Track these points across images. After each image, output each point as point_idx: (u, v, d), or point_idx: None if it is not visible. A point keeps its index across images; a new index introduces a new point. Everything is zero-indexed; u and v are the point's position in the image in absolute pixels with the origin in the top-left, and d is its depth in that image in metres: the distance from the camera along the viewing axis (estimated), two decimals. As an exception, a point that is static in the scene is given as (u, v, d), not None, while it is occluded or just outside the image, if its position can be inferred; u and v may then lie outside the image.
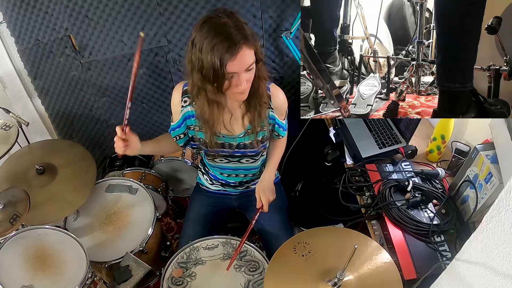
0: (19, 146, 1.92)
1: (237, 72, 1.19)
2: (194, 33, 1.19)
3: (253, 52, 1.20)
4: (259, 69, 1.27)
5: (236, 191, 1.74)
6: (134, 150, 1.38)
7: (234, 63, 1.16)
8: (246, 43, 1.15)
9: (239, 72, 1.19)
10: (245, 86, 1.23)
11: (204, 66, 1.18)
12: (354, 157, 1.67)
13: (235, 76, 1.20)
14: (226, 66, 1.15)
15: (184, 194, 2.50)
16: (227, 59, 1.14)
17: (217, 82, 1.21)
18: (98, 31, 1.99)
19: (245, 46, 1.15)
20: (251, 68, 1.22)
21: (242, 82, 1.21)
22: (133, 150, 1.37)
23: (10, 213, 1.38)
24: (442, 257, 1.23)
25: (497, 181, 1.16)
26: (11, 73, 2.22)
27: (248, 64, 1.19)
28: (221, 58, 1.13)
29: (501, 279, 0.75)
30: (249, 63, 1.19)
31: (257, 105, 1.37)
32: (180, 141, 1.54)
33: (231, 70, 1.17)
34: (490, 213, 0.76)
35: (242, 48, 1.14)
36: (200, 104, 1.35)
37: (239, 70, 1.18)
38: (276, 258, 1.18)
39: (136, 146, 1.38)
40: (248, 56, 1.18)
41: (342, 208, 1.51)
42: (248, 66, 1.20)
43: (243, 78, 1.21)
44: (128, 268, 1.48)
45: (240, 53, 1.14)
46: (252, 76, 1.25)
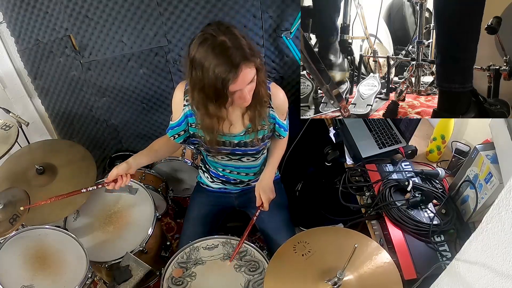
0: (19, 146, 1.92)
1: (240, 89, 1.22)
2: (192, 51, 1.19)
3: (254, 66, 1.20)
4: (260, 75, 1.28)
5: (237, 188, 1.74)
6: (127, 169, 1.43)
7: (236, 84, 1.18)
8: (246, 63, 1.16)
9: (242, 88, 1.22)
10: (249, 98, 1.27)
11: (205, 86, 1.20)
12: (354, 157, 1.67)
13: (238, 92, 1.23)
14: (228, 88, 1.18)
15: (184, 194, 2.50)
16: (229, 81, 1.16)
17: (219, 101, 1.24)
18: (98, 31, 1.99)
19: (245, 65, 1.16)
20: (253, 80, 1.24)
21: (246, 95, 1.24)
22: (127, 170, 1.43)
23: (10, 213, 1.38)
24: (442, 257, 1.23)
25: (497, 181, 1.16)
26: (11, 73, 2.22)
27: (249, 79, 1.22)
28: (223, 81, 1.15)
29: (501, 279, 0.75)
30: (251, 78, 1.22)
31: (257, 105, 1.37)
32: (178, 139, 1.54)
33: (234, 89, 1.20)
34: (490, 213, 0.76)
35: (242, 69, 1.15)
36: (200, 116, 1.37)
37: (241, 87, 1.21)
38: (276, 258, 1.18)
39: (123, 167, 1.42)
40: (249, 73, 1.20)
41: (342, 208, 1.51)
42: (249, 81, 1.22)
43: (246, 92, 1.24)
44: (128, 268, 1.48)
45: (241, 74, 1.16)
46: (254, 85, 1.27)
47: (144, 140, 2.52)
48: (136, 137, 2.51)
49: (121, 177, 1.42)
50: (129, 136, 2.50)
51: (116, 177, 1.41)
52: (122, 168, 1.42)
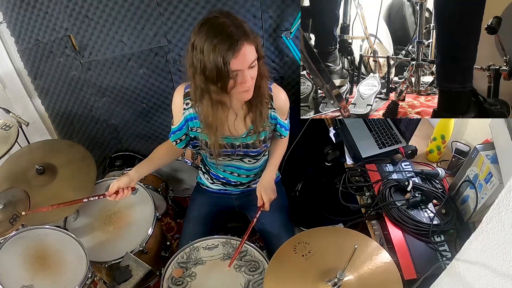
0: (19, 146, 1.92)
1: (241, 70, 1.19)
2: (193, 36, 1.19)
3: (254, 49, 1.20)
4: (260, 66, 1.27)
5: (237, 190, 1.74)
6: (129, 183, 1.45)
7: (237, 60, 1.16)
8: (247, 40, 1.16)
9: (243, 69, 1.19)
10: (250, 83, 1.24)
11: (207, 67, 1.18)
12: (354, 157, 1.67)
13: (239, 74, 1.20)
14: (229, 64, 1.15)
15: (184, 194, 2.50)
16: (230, 57, 1.14)
17: (221, 82, 1.21)
18: (98, 31, 1.99)
19: (246, 42, 1.16)
20: (254, 65, 1.22)
21: (247, 79, 1.21)
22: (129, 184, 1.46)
23: (10, 213, 1.38)
24: (442, 257, 1.23)
25: (497, 181, 1.16)
26: (11, 73, 2.22)
27: (251, 60, 1.20)
28: (224, 57, 1.14)
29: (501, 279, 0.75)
30: (252, 59, 1.20)
31: (259, 104, 1.37)
32: (180, 144, 1.54)
33: (235, 67, 1.18)
34: (490, 213, 0.76)
35: (243, 44, 1.15)
36: (204, 108, 1.34)
37: (242, 67, 1.19)
38: (276, 258, 1.18)
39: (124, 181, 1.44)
40: (250, 52, 1.19)
41: (342, 208, 1.51)
42: (251, 63, 1.20)
43: (248, 75, 1.21)
44: (128, 268, 1.48)
45: (242, 50, 1.15)
46: (255, 73, 1.26)
47: (144, 140, 2.52)
48: (136, 137, 2.51)
49: (122, 190, 1.44)
50: (129, 136, 2.50)
51: (117, 189, 1.43)
52: (123, 181, 1.43)
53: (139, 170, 1.51)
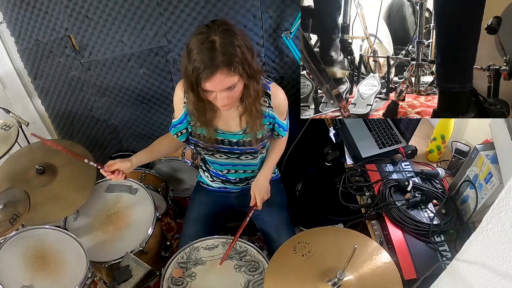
0: (19, 146, 1.92)
1: (213, 91, 1.21)
2: (189, 40, 1.21)
3: (236, 77, 1.18)
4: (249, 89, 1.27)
5: (237, 188, 1.75)
6: (128, 169, 1.46)
7: (209, 84, 1.18)
8: (226, 69, 1.14)
9: (216, 91, 1.21)
10: (223, 103, 1.24)
11: (186, 75, 1.22)
12: (354, 157, 1.67)
13: (211, 93, 1.22)
14: (202, 83, 1.18)
15: (184, 194, 2.50)
16: (202, 79, 1.16)
17: (194, 92, 1.25)
18: (98, 31, 1.99)
19: (224, 71, 1.14)
20: (232, 88, 1.21)
21: (219, 100, 1.23)
22: (128, 170, 1.46)
23: (10, 213, 1.38)
24: (442, 257, 1.23)
25: (497, 181, 1.16)
26: (11, 73, 2.22)
27: (225, 86, 1.19)
28: (197, 76, 1.16)
29: (501, 279, 0.75)
30: (227, 85, 1.19)
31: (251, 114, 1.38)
32: (181, 137, 1.55)
33: (206, 88, 1.20)
34: (490, 213, 0.76)
35: (218, 72, 1.14)
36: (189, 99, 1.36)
37: (214, 90, 1.20)
38: (276, 258, 1.18)
39: (126, 166, 1.45)
40: (225, 80, 1.17)
41: (342, 208, 1.51)
42: (226, 88, 1.20)
43: (220, 97, 1.22)
44: (128, 268, 1.48)
45: (216, 77, 1.15)
46: (235, 94, 1.24)
47: (144, 140, 2.52)
48: (136, 137, 2.51)
49: (118, 173, 1.44)
50: (129, 136, 2.50)
51: (116, 169, 1.44)
52: (125, 166, 1.44)
53: (139, 157, 1.52)
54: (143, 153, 1.54)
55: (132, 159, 1.48)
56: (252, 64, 1.21)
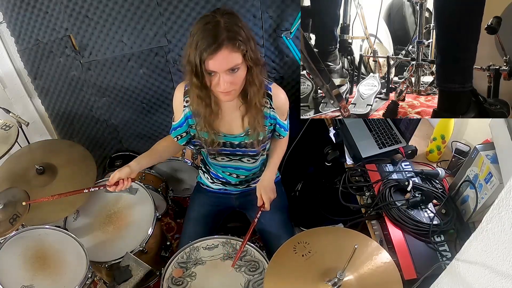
0: (19, 146, 1.92)
1: (216, 72, 1.18)
2: (193, 26, 1.20)
3: (239, 56, 1.17)
4: (253, 74, 1.26)
5: (237, 189, 1.74)
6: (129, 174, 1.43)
7: (212, 62, 1.15)
8: (230, 44, 1.13)
9: (219, 71, 1.18)
10: (226, 87, 1.21)
11: (190, 59, 1.19)
12: (354, 157, 1.67)
13: (215, 75, 1.20)
14: (205, 63, 1.15)
15: (184, 194, 2.50)
16: (206, 56, 1.14)
17: (199, 78, 1.22)
18: (98, 31, 1.99)
19: (228, 46, 1.13)
20: (235, 70, 1.19)
21: (222, 83, 1.20)
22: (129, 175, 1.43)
23: (10, 213, 1.38)
24: (442, 257, 1.23)
25: (497, 181, 1.16)
26: (11, 73, 2.22)
27: (229, 65, 1.17)
28: (201, 54, 1.14)
29: (501, 279, 0.75)
30: (231, 64, 1.17)
31: (253, 110, 1.37)
32: (181, 141, 1.54)
33: (210, 68, 1.17)
34: (490, 213, 0.76)
35: (222, 47, 1.12)
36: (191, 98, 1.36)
37: (218, 69, 1.17)
38: (276, 258, 1.18)
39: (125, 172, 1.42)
40: (230, 57, 1.15)
41: (342, 208, 1.51)
42: (229, 68, 1.17)
43: (223, 79, 1.19)
44: (128, 268, 1.48)
45: (219, 53, 1.13)
46: (237, 79, 1.22)
47: (144, 140, 2.52)
48: (136, 137, 2.51)
49: (122, 181, 1.42)
50: (129, 136, 2.50)
51: (117, 179, 1.41)
52: (124, 172, 1.42)
53: (140, 161, 1.49)
54: (143, 157, 1.52)
55: (131, 164, 1.46)
56: (255, 51, 1.21)
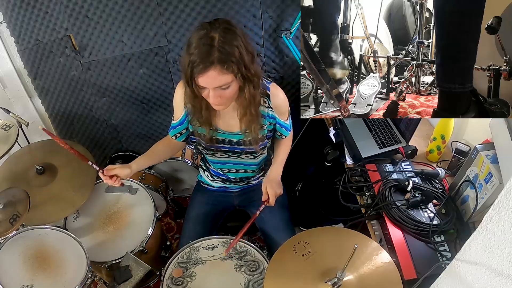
0: (19, 146, 1.92)
1: (206, 88, 1.21)
2: (192, 33, 1.21)
3: (230, 76, 1.18)
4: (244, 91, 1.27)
5: (237, 187, 1.75)
6: (127, 176, 1.47)
7: (201, 79, 1.18)
8: (219, 66, 1.14)
9: (208, 88, 1.21)
10: (214, 102, 1.25)
11: (183, 68, 1.22)
12: (354, 157, 1.67)
13: (205, 89, 1.23)
14: (195, 78, 1.19)
15: (184, 194, 2.50)
16: (195, 73, 1.17)
17: (191, 87, 1.25)
18: (98, 31, 1.99)
19: (217, 68, 1.15)
20: (226, 87, 1.21)
21: (211, 97, 1.23)
22: (126, 176, 1.47)
23: (10, 213, 1.38)
24: (442, 257, 1.23)
25: (497, 181, 1.16)
26: (11, 73, 2.22)
27: (217, 84, 1.19)
28: (192, 69, 1.17)
29: (501, 279, 0.75)
30: (219, 84, 1.19)
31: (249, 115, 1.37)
32: (180, 138, 1.55)
33: (199, 83, 1.20)
34: (490, 213, 0.76)
35: (211, 68, 1.15)
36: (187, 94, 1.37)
37: (207, 86, 1.21)
38: (276, 258, 1.18)
39: (125, 173, 1.45)
40: (218, 78, 1.17)
41: (342, 208, 1.51)
42: (219, 86, 1.20)
43: (212, 94, 1.22)
44: (128, 268, 1.48)
45: (209, 73, 1.15)
46: (228, 94, 1.25)
47: (144, 140, 2.52)
48: (136, 137, 2.51)
49: (116, 178, 1.44)
50: (129, 136, 2.50)
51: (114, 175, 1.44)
52: (124, 173, 1.45)
53: (139, 163, 1.52)
54: (142, 158, 1.55)
55: (132, 165, 1.48)
56: (250, 67, 1.21)
